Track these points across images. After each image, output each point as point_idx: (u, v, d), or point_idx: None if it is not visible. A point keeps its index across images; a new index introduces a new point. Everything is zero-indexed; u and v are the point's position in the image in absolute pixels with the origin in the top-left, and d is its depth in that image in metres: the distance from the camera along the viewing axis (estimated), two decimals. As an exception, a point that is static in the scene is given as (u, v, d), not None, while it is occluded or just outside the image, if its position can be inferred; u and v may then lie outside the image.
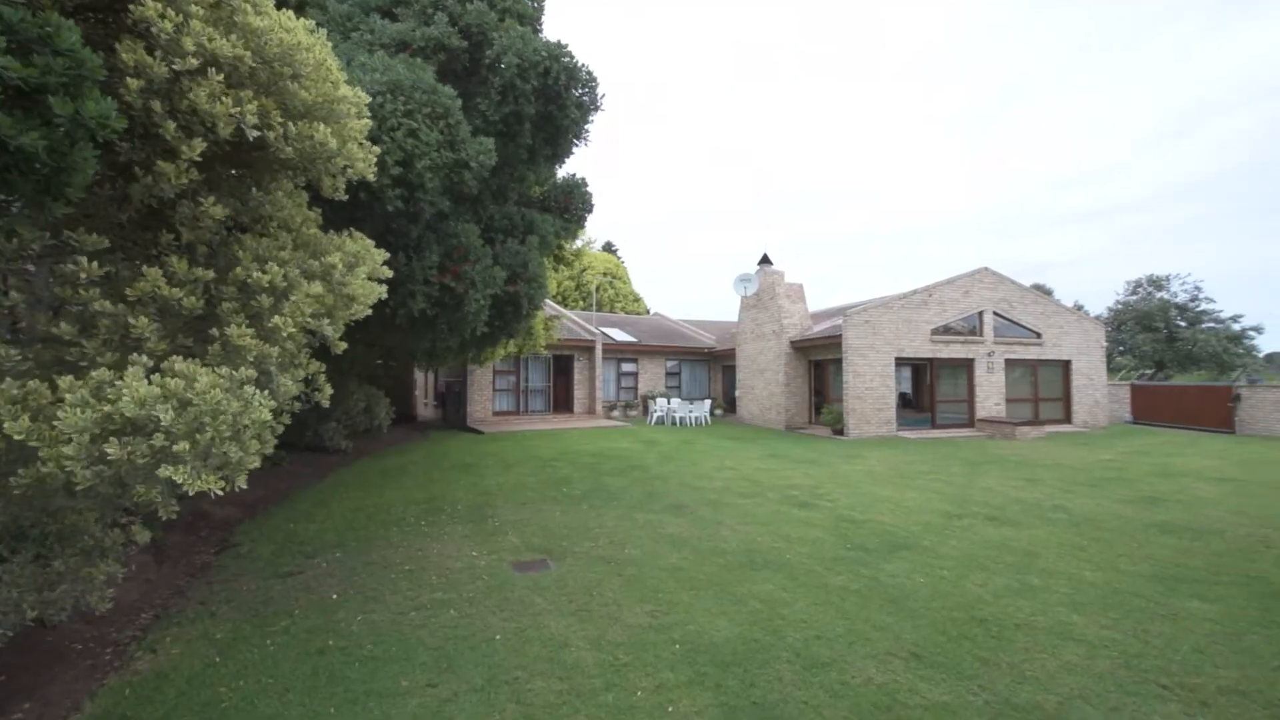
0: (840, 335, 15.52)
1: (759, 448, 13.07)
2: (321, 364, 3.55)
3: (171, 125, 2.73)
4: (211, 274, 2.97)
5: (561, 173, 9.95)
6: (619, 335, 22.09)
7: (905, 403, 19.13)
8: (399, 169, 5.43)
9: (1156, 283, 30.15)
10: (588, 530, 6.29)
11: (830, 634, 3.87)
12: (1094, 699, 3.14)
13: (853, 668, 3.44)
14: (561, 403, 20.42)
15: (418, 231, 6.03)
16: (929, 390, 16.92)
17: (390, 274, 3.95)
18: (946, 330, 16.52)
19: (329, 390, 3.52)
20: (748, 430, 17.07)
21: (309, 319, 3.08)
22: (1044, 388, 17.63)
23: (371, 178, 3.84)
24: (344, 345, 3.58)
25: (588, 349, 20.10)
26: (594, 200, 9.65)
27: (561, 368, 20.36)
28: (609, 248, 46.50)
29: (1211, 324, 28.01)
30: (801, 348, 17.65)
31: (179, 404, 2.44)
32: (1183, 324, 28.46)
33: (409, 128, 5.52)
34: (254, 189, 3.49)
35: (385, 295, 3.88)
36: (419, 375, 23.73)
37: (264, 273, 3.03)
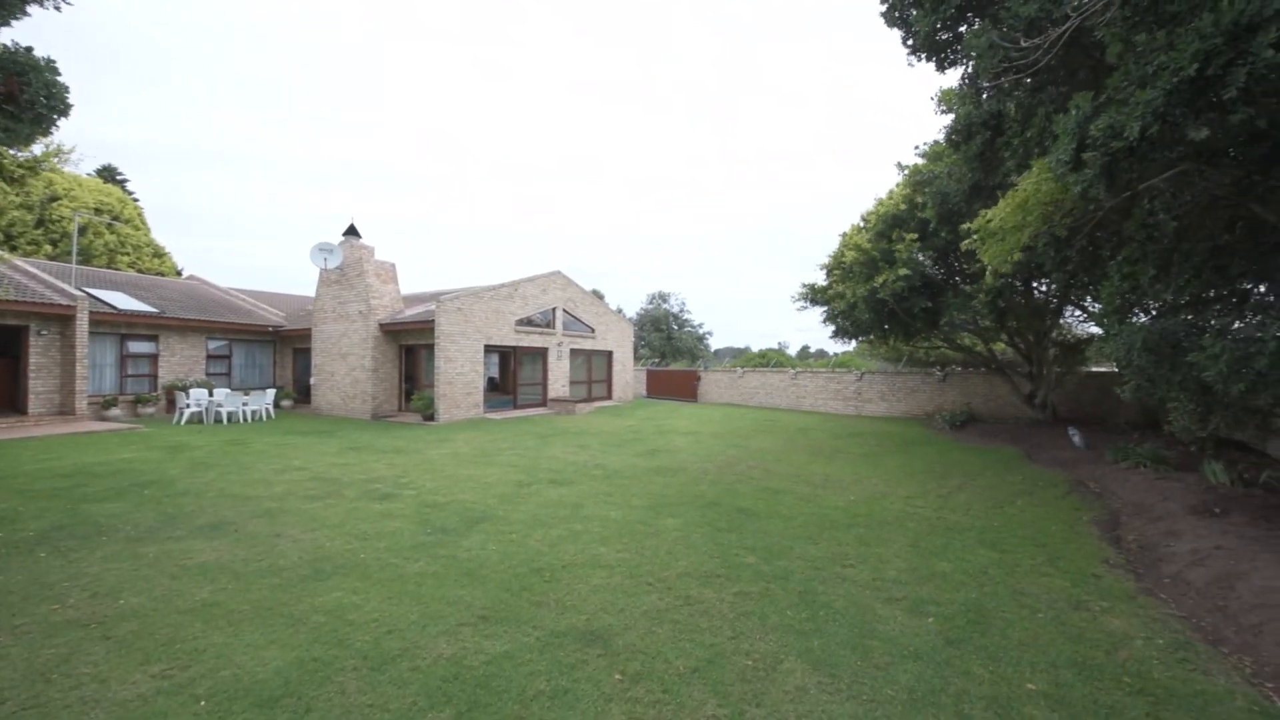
0: (433, 321, 15.44)
1: (338, 441, 11.69)
2: None
3: None
4: None
5: (6, 40, 6.32)
6: (124, 302, 15.82)
7: (492, 386, 20.64)
8: None
9: (663, 297, 42.43)
10: (45, 587, 4.28)
11: (403, 624, 3.80)
12: (611, 608, 4.11)
13: (424, 650, 3.48)
14: (3, 401, 13.23)
15: None
16: (513, 375, 18.75)
17: None
18: (528, 322, 18.65)
19: None
20: (326, 422, 15.03)
21: None
22: (595, 372, 22.10)
23: None
24: None
25: (61, 318, 13.62)
26: (70, 98, 6.53)
27: (1, 346, 13.16)
28: (110, 174, 32.60)
29: (690, 328, 41.68)
30: (392, 331, 16.71)
31: None
32: (675, 327, 41.13)
33: None
34: None
35: None
36: None
37: None
